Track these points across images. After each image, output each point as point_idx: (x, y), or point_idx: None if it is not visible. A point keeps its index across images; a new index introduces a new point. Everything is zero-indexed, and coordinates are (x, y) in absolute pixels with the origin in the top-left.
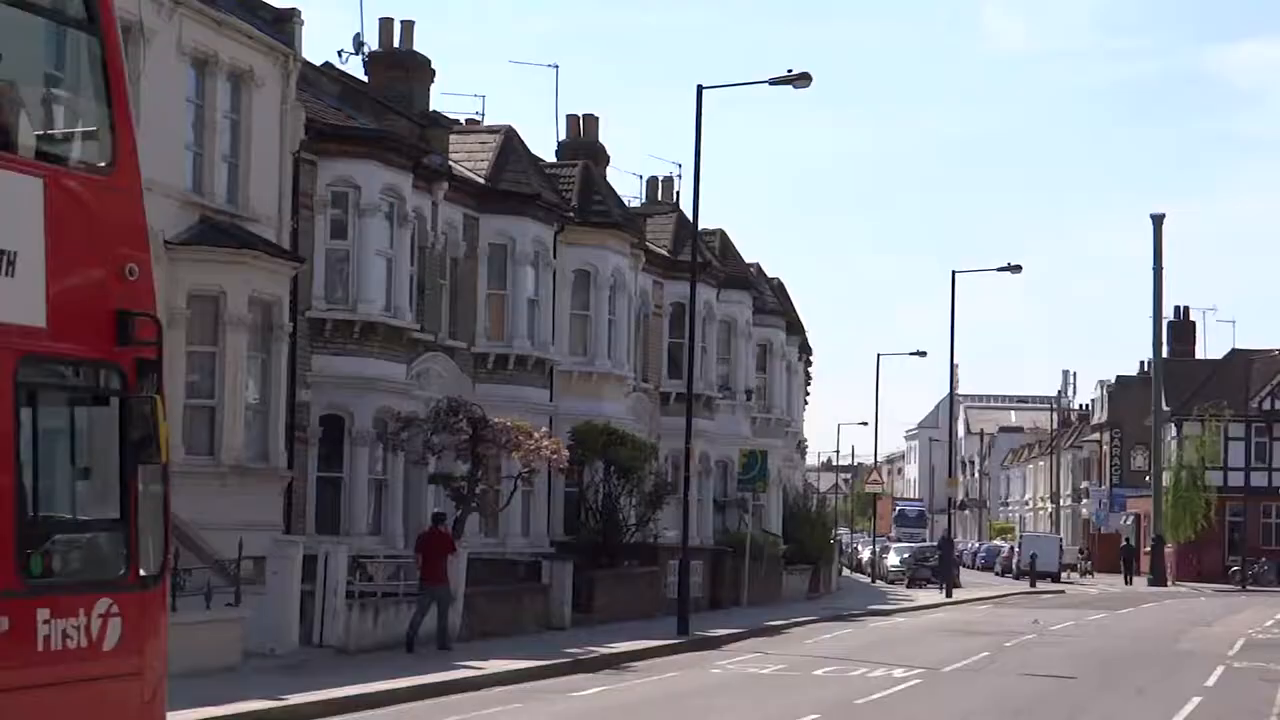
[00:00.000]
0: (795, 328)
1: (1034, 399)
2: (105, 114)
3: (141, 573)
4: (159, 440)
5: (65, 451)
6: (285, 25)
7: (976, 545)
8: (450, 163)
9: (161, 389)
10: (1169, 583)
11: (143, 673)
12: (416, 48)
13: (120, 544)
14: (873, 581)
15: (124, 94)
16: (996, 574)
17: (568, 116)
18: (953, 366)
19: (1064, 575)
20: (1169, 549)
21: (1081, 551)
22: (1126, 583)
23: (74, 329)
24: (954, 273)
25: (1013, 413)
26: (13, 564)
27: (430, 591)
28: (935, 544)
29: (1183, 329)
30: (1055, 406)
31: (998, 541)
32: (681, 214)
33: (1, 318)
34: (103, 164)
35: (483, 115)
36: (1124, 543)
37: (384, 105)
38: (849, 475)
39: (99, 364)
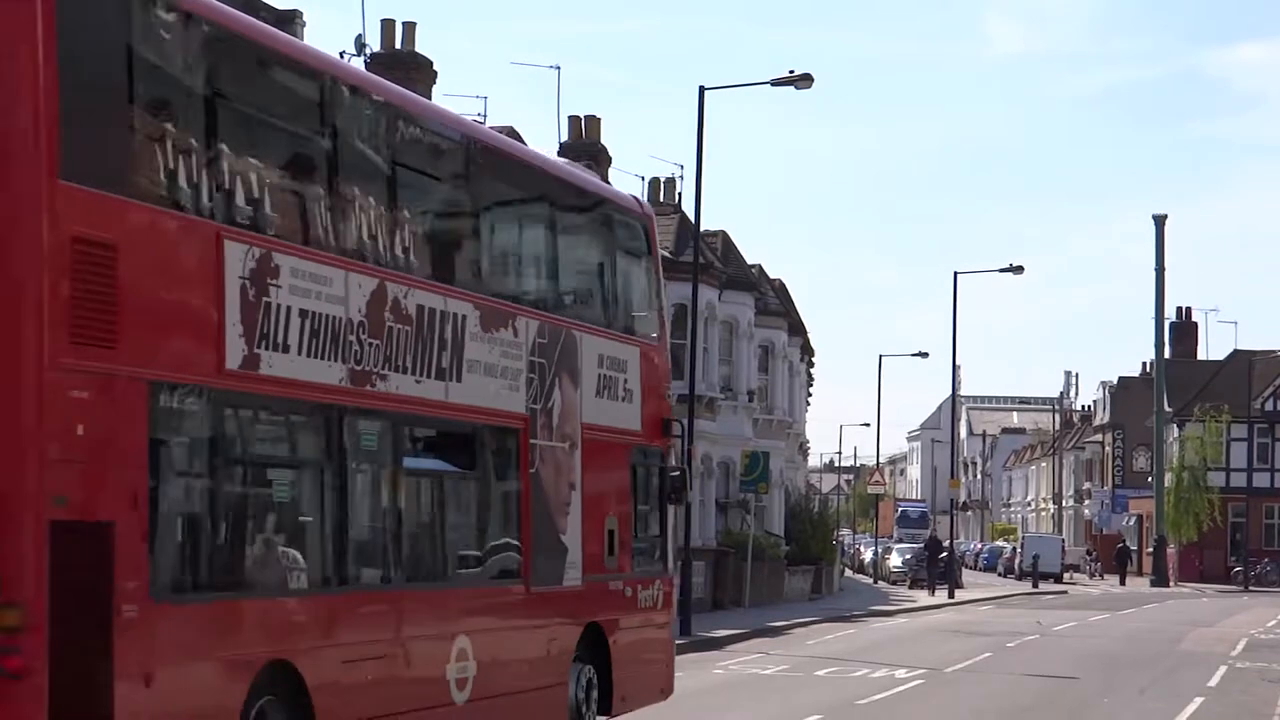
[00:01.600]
0: (797, 329)
1: (1036, 400)
2: (655, 305)
3: (668, 567)
4: (683, 491)
5: (642, 497)
6: (287, 27)
7: (979, 546)
8: None
9: (680, 462)
10: (1171, 583)
11: (668, 625)
12: (418, 49)
13: (660, 550)
14: (875, 582)
15: (662, 292)
16: (999, 575)
17: (570, 118)
18: (955, 367)
19: (1069, 576)
20: (1171, 550)
21: (1089, 553)
22: (1121, 583)
23: (649, 430)
24: (956, 274)
25: (1015, 414)
26: (630, 560)
27: None
28: (922, 545)
29: (1185, 330)
30: (1057, 407)
31: (1000, 542)
32: (683, 215)
33: (627, 426)
34: (654, 335)
35: (484, 116)
36: (1120, 544)
37: None
38: (851, 476)
39: (655, 449)
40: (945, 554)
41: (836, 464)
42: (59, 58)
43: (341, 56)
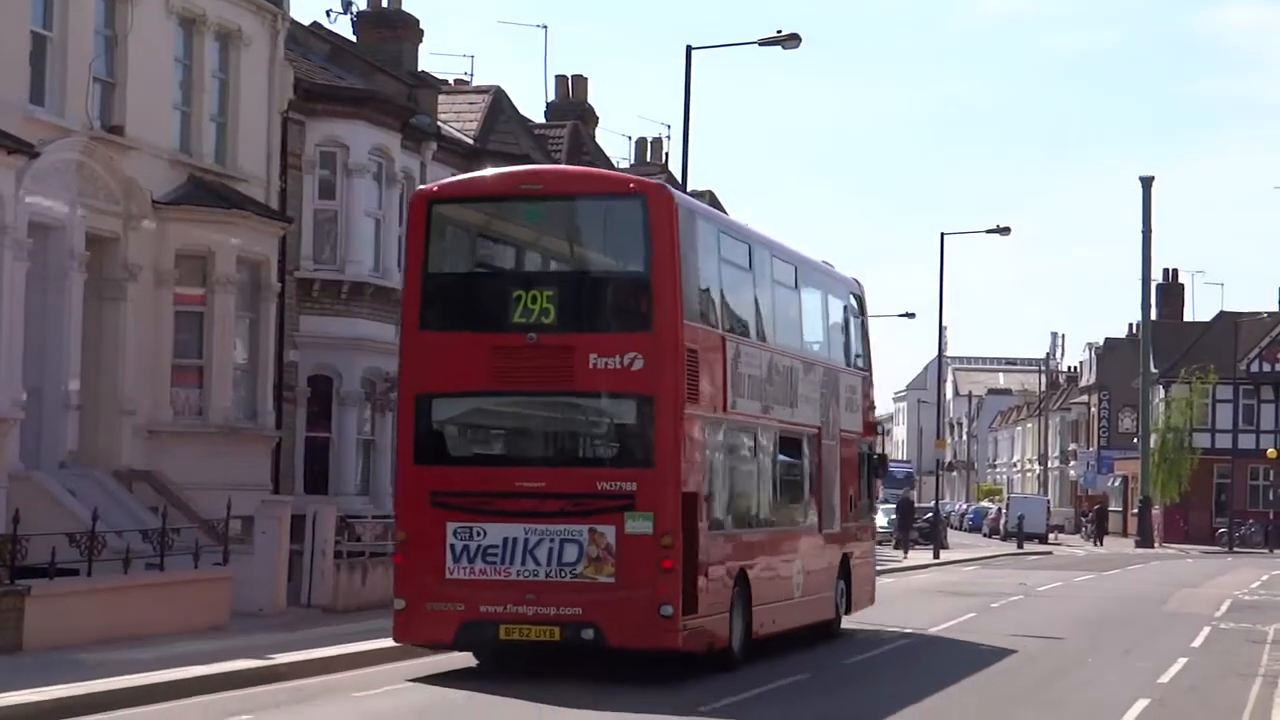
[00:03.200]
0: None
1: (1022, 361)
2: (866, 351)
3: (874, 518)
4: (884, 468)
5: (862, 473)
6: None
7: (964, 506)
8: (439, 123)
9: (884, 452)
10: (1156, 544)
11: (873, 556)
12: (405, 7)
13: (869, 510)
14: None
15: (869, 343)
16: (984, 535)
17: (557, 77)
18: (941, 328)
19: (1054, 537)
20: (1156, 511)
21: (1084, 514)
22: (1097, 544)
23: (864, 430)
24: (943, 234)
25: (1001, 375)
26: (859, 513)
27: None
28: (895, 505)
29: (1171, 291)
30: (1043, 368)
31: (985, 503)
32: (671, 175)
33: (855, 428)
34: (866, 371)
35: (471, 76)
36: (1097, 506)
37: (372, 65)
38: None
39: (867, 441)
40: (926, 515)
41: None
42: (680, 252)
43: (328, 15)
